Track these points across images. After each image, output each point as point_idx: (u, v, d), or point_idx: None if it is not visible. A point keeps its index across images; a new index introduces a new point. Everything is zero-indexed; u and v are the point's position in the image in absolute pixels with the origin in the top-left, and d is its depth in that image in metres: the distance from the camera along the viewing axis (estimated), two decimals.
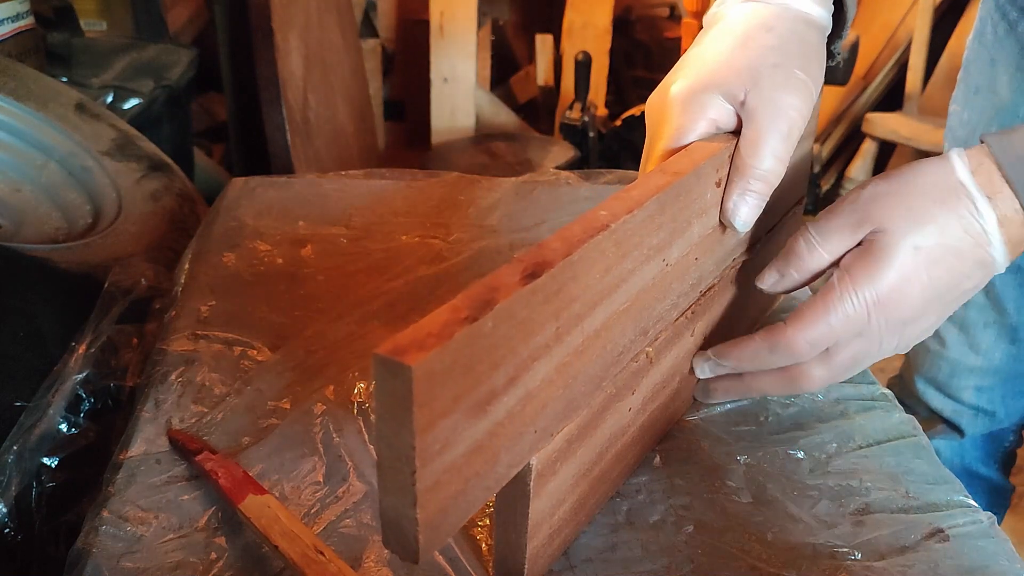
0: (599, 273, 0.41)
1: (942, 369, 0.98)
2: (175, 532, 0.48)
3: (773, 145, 0.51)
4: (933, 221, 0.49)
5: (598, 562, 0.48)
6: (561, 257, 0.38)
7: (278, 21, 1.44)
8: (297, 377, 0.61)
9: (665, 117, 0.52)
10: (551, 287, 0.38)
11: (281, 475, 0.53)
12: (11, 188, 0.95)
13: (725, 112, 0.51)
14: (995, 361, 0.94)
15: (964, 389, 0.97)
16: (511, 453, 0.39)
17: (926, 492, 0.53)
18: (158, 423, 0.56)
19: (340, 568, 0.44)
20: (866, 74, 2.39)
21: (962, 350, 0.95)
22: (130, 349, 0.67)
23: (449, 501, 0.36)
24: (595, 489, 0.49)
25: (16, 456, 0.58)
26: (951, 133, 0.93)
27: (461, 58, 2.20)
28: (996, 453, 1.04)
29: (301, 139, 1.49)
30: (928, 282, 0.49)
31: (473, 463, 0.36)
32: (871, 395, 0.62)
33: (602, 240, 0.40)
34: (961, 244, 0.49)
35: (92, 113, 1.05)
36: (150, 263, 0.78)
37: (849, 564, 0.48)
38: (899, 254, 0.49)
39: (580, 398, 0.43)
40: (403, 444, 0.33)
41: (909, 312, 0.50)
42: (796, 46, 0.52)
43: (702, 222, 0.50)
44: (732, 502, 0.52)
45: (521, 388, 0.38)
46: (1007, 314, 0.91)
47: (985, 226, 0.49)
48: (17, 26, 1.18)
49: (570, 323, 0.40)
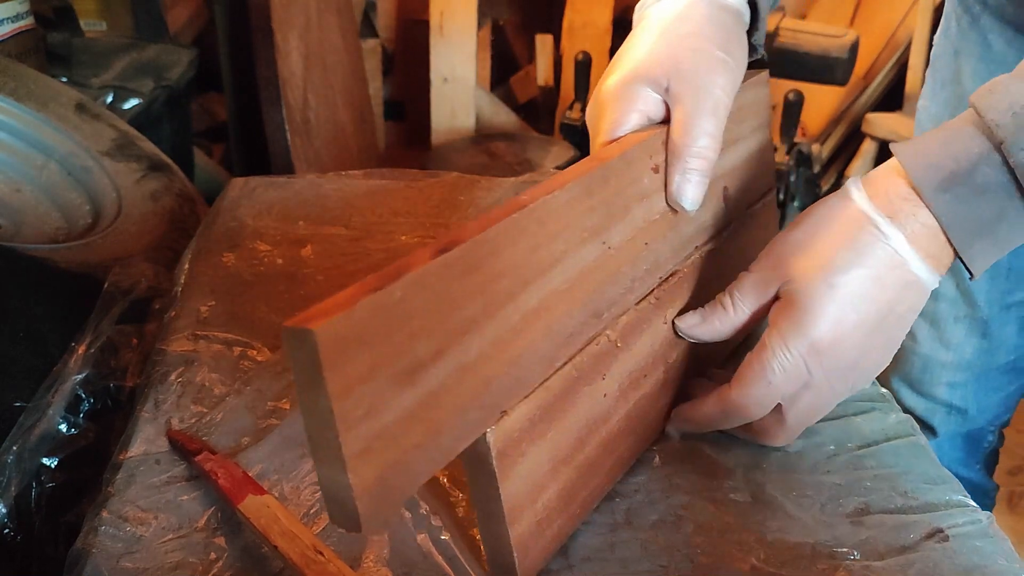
0: (525, 251, 0.43)
1: (915, 365, 0.97)
2: (175, 532, 0.48)
3: (702, 123, 0.52)
4: (842, 257, 0.49)
5: (597, 561, 0.48)
6: (474, 234, 0.40)
7: (278, 21, 1.44)
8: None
9: (601, 113, 0.54)
10: (466, 261, 0.39)
11: (281, 475, 0.53)
12: (11, 188, 0.95)
13: (653, 102, 0.53)
14: (966, 356, 0.93)
15: (936, 386, 0.96)
16: (455, 427, 0.40)
17: (925, 492, 0.54)
18: (158, 423, 0.56)
19: (339, 568, 0.44)
20: (866, 74, 2.39)
21: (933, 345, 0.94)
22: (130, 349, 0.67)
23: (387, 470, 0.37)
24: (585, 479, 0.49)
25: (16, 456, 0.58)
26: (919, 128, 0.93)
27: (461, 58, 2.19)
28: (976, 454, 1.03)
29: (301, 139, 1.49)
30: (858, 319, 0.49)
31: (410, 433, 0.37)
32: (870, 395, 0.62)
33: (520, 218, 0.42)
34: (877, 271, 0.48)
35: (92, 113, 1.05)
36: (150, 263, 0.78)
37: (848, 564, 0.48)
38: (817, 298, 0.49)
39: (530, 376, 0.44)
40: (322, 409, 0.34)
41: (849, 353, 0.50)
42: (713, 29, 0.54)
43: (644, 207, 0.52)
44: (732, 502, 0.53)
45: (452, 361, 0.39)
46: (978, 307, 0.90)
47: (896, 247, 0.48)
48: (17, 26, 1.18)
49: (500, 299, 0.42)
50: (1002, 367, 0.94)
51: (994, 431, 1.02)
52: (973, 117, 0.47)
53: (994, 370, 0.94)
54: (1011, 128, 0.45)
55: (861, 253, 0.48)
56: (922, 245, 0.48)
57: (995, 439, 1.03)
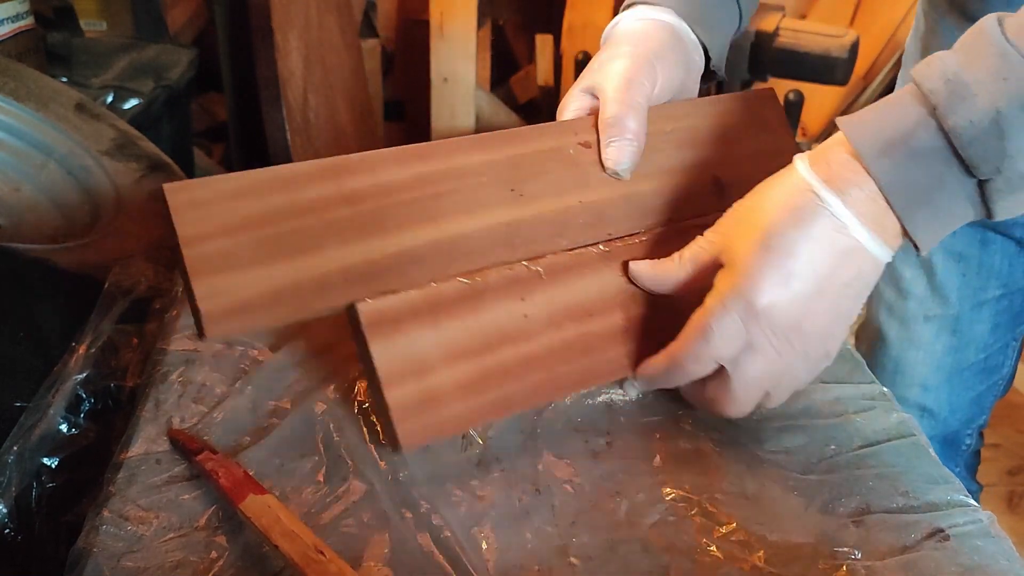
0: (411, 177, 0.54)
1: (886, 367, 0.96)
2: (176, 531, 0.48)
3: (615, 96, 0.61)
4: (781, 222, 0.50)
5: (598, 561, 0.48)
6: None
7: (278, 21, 1.44)
8: (297, 377, 0.61)
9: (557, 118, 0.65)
10: (343, 168, 0.52)
11: (281, 475, 0.53)
12: (11, 188, 0.95)
13: (588, 101, 0.63)
14: (936, 355, 0.93)
15: (910, 387, 0.96)
16: (311, 285, 0.50)
17: (926, 492, 0.54)
18: (158, 423, 0.56)
19: (340, 568, 0.44)
20: (866, 74, 2.39)
21: (903, 345, 0.94)
22: (130, 349, 0.67)
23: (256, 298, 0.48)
24: (498, 383, 0.53)
25: (16, 456, 0.58)
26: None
27: (461, 58, 2.20)
28: (956, 457, 1.01)
29: (301, 139, 1.49)
30: (795, 281, 0.50)
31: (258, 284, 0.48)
32: (870, 395, 0.62)
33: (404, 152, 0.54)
34: (815, 235, 0.49)
35: (92, 113, 1.05)
36: (150, 263, 0.78)
37: (849, 563, 0.48)
38: (753, 261, 0.50)
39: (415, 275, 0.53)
40: (181, 256, 0.47)
41: (788, 315, 0.50)
42: (646, 42, 0.63)
43: (575, 172, 0.61)
44: (733, 501, 0.53)
45: (285, 227, 0.50)
46: (950, 304, 0.89)
47: (835, 212, 0.49)
48: (17, 26, 1.18)
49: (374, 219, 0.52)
50: (972, 366, 0.93)
51: (971, 433, 1.01)
52: (912, 88, 0.49)
53: (965, 369, 0.93)
54: (943, 94, 0.46)
55: (799, 218, 0.49)
56: (862, 211, 0.49)
57: (973, 441, 1.02)
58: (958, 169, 0.47)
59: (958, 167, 0.47)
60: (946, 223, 0.49)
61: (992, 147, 0.45)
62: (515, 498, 0.52)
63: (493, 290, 0.55)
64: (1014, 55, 0.45)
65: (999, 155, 0.45)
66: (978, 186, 0.47)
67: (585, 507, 0.52)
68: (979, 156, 0.46)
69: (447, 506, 0.51)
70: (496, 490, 0.52)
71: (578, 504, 0.52)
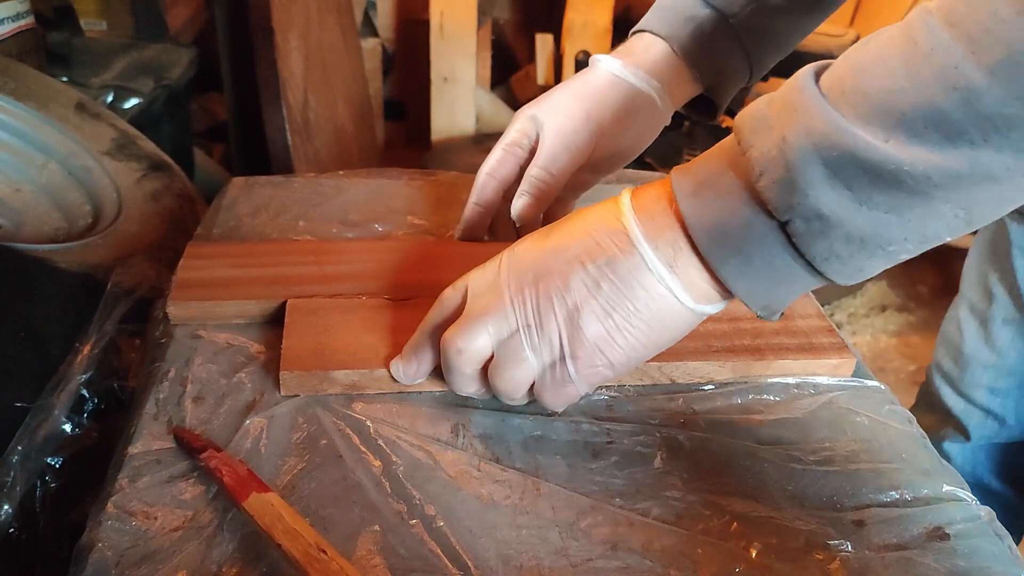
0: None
1: (957, 362, 0.96)
2: (179, 527, 0.49)
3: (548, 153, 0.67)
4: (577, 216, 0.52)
5: (598, 560, 0.48)
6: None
7: (278, 21, 1.44)
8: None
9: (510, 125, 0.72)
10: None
11: (280, 472, 0.53)
12: (11, 188, 0.95)
13: (533, 129, 0.70)
14: (1010, 361, 0.92)
15: (976, 387, 0.95)
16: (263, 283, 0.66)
17: (926, 489, 0.54)
18: (160, 421, 0.56)
19: (342, 566, 0.45)
20: None
21: (977, 344, 0.93)
22: (132, 349, 0.68)
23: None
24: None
25: (21, 456, 0.58)
26: None
27: (461, 58, 2.20)
28: (1009, 467, 1.00)
29: (301, 139, 1.49)
30: (550, 238, 0.52)
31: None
32: (871, 393, 0.62)
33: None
34: (590, 214, 0.51)
35: (92, 113, 1.05)
36: (151, 263, 0.78)
37: (848, 562, 0.49)
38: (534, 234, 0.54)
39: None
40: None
41: (526, 259, 0.51)
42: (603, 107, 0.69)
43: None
44: (732, 500, 0.53)
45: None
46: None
47: (620, 199, 0.50)
48: (17, 26, 1.18)
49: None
50: None
51: None
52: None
53: None
54: (748, 128, 0.44)
55: (589, 212, 0.52)
56: (639, 202, 0.49)
57: None
58: (760, 209, 0.43)
59: (760, 206, 0.43)
60: (767, 276, 0.45)
61: (780, 178, 0.42)
62: (515, 498, 0.52)
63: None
64: (812, 92, 0.42)
65: (788, 188, 0.42)
66: (782, 230, 0.43)
67: (585, 507, 0.52)
68: (768, 187, 0.42)
69: (447, 506, 0.51)
70: (496, 490, 0.53)
71: (578, 504, 0.52)
